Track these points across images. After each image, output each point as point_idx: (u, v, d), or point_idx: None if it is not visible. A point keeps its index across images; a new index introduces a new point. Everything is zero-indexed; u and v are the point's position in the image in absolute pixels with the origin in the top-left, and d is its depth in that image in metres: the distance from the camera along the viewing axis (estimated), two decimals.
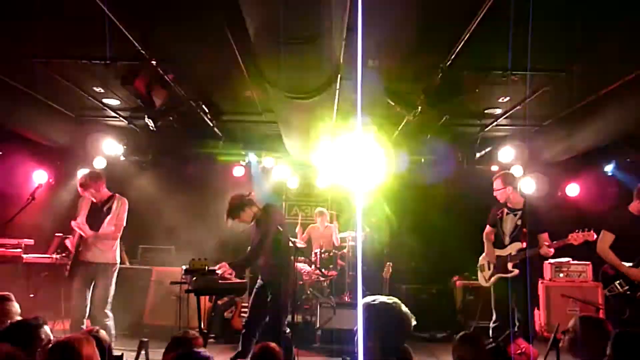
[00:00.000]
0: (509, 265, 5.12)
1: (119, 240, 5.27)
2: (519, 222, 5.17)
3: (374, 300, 2.39)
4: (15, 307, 3.23)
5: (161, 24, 4.79)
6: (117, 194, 5.37)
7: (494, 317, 5.21)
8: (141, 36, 4.84)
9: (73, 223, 5.07)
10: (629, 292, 4.54)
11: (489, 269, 5.32)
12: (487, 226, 5.48)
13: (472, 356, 3.01)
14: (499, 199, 5.28)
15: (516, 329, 4.86)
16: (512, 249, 5.16)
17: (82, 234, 5.03)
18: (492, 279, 5.26)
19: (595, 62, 5.16)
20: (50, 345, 2.20)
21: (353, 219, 7.92)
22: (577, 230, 4.97)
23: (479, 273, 5.50)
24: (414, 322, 2.36)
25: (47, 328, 2.62)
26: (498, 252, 5.25)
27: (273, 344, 3.06)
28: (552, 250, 4.98)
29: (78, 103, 7.12)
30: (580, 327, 2.83)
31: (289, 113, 5.84)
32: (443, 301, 7.93)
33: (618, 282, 4.63)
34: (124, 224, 5.27)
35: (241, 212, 4.78)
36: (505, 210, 5.28)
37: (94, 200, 5.24)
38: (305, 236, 8.28)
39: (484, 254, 5.45)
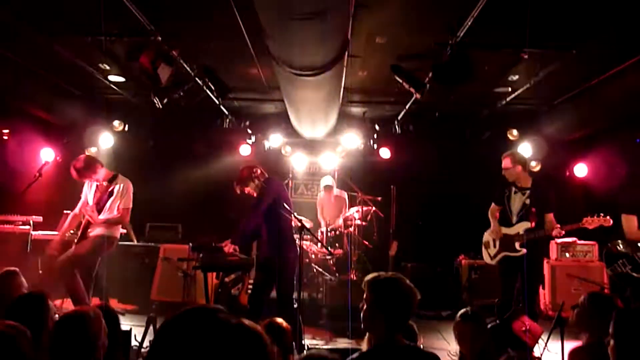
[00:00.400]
0: (516, 245, 5.12)
1: None
2: (527, 202, 5.15)
3: (377, 276, 2.39)
4: (23, 281, 3.26)
5: None
6: (120, 175, 5.35)
7: (500, 295, 5.22)
8: (147, 11, 4.79)
9: (85, 209, 5.12)
10: (631, 272, 4.55)
11: (495, 246, 5.31)
12: (493, 204, 5.47)
13: (473, 333, 3.03)
14: (507, 178, 5.25)
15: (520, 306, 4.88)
16: (520, 228, 5.14)
17: (92, 220, 5.10)
18: (498, 256, 5.26)
19: (606, 39, 5.06)
20: (59, 317, 2.23)
21: (359, 197, 7.92)
22: (592, 215, 4.91)
23: (484, 250, 5.49)
24: (418, 297, 2.35)
25: (50, 302, 2.66)
26: (505, 230, 5.24)
27: (280, 319, 3.09)
28: (563, 232, 4.98)
29: (84, 80, 7.10)
30: (588, 302, 2.84)
31: (296, 91, 5.81)
32: (448, 279, 7.96)
33: (621, 261, 4.64)
34: (131, 206, 5.30)
35: (249, 181, 4.86)
36: (513, 188, 5.25)
37: (98, 183, 5.27)
38: (319, 210, 8.40)
39: (489, 231, 5.44)
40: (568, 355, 2.80)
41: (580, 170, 8.32)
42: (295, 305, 4.75)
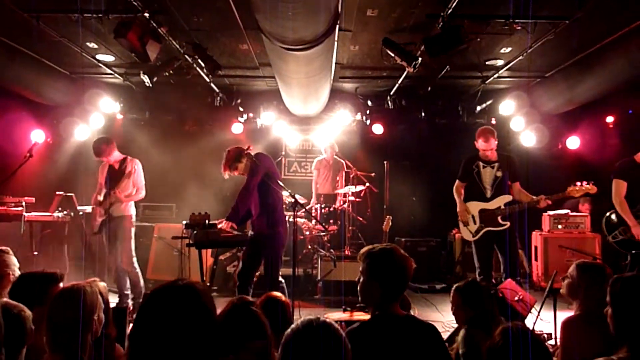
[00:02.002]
0: (499, 219, 5.16)
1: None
2: (499, 174, 5.20)
3: (372, 248, 2.40)
4: (13, 260, 3.25)
5: None
6: (129, 157, 5.74)
7: (478, 270, 5.26)
8: None
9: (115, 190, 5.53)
10: (631, 237, 4.64)
11: (475, 222, 5.28)
12: (457, 181, 5.44)
13: (464, 304, 3.07)
14: (489, 156, 5.26)
15: (503, 279, 4.96)
16: (501, 202, 5.16)
17: (120, 199, 5.53)
18: (481, 232, 5.22)
19: (599, 9, 5.02)
20: (57, 292, 2.24)
21: (352, 173, 7.93)
22: (576, 183, 4.99)
23: (462, 227, 5.40)
24: (413, 265, 2.36)
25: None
26: (483, 205, 5.23)
27: (278, 294, 3.11)
28: (550, 202, 5.02)
29: (72, 60, 6.99)
30: (578, 272, 2.85)
31: (287, 66, 5.74)
32: (442, 253, 8.04)
33: (622, 228, 4.72)
34: (144, 182, 5.79)
35: (238, 163, 4.77)
36: (481, 163, 5.28)
37: (111, 163, 5.67)
38: (315, 174, 8.38)
39: (460, 209, 5.39)
40: (562, 325, 2.82)
41: (573, 142, 8.33)
42: (283, 281, 4.78)
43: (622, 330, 2.11)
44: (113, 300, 5.32)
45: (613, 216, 4.85)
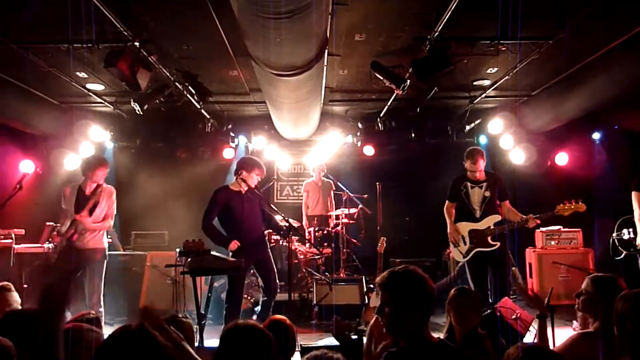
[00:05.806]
0: (489, 239, 5.16)
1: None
2: (487, 194, 5.23)
3: (392, 274, 2.25)
4: (15, 296, 3.19)
5: (142, 3, 4.70)
6: (103, 183, 5.34)
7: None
8: (123, 17, 4.75)
9: (77, 217, 5.04)
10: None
11: (465, 243, 5.28)
12: (447, 202, 5.46)
13: (467, 308, 3.05)
14: (477, 176, 5.30)
15: (490, 298, 4.95)
16: (491, 222, 5.18)
17: (85, 226, 5.04)
18: (471, 253, 5.22)
19: (579, 30, 5.14)
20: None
21: (345, 196, 7.93)
22: (565, 202, 5.02)
23: (453, 248, 5.40)
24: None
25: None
26: (472, 225, 5.25)
27: (283, 317, 3.08)
28: (539, 221, 5.05)
29: (62, 89, 7.00)
30: (592, 286, 2.80)
31: (277, 91, 5.79)
32: (437, 273, 8.01)
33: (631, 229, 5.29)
34: (115, 212, 5.34)
35: (246, 172, 5.29)
36: (469, 184, 5.31)
37: (82, 187, 5.22)
38: (305, 196, 8.41)
39: (450, 230, 5.40)
40: (575, 339, 2.76)
41: (561, 159, 8.42)
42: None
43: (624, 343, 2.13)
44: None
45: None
